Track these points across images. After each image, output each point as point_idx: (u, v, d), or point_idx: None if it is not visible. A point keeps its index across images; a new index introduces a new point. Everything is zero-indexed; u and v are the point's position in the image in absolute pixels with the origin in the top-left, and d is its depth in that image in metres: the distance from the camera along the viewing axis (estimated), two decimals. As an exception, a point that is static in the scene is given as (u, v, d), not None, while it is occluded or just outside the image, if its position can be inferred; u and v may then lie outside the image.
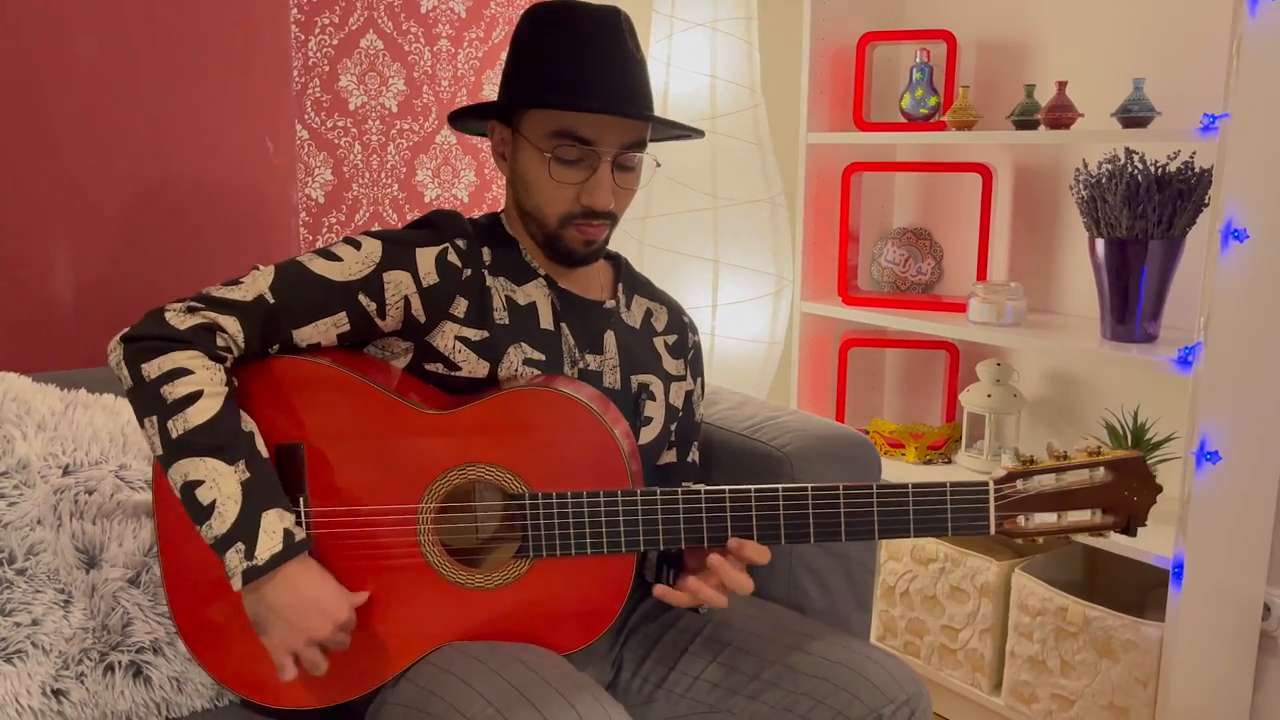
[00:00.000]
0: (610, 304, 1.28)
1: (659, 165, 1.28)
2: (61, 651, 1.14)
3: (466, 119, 1.25)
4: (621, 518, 1.12)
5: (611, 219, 1.21)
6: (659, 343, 1.33)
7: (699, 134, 1.27)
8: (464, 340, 1.17)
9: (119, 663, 1.18)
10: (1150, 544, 1.78)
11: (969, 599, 2.05)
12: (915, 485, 1.10)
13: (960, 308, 2.18)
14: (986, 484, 1.09)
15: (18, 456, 1.18)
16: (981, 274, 2.18)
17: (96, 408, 1.28)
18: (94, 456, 1.24)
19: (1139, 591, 2.01)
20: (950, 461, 2.26)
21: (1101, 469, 1.09)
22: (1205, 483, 1.70)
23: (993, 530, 1.10)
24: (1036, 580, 1.92)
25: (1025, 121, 1.97)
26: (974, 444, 2.21)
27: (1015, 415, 2.16)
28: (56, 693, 1.13)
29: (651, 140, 1.24)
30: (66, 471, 1.21)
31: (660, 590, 1.15)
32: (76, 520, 1.19)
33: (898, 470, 2.20)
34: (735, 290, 2.09)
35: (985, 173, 2.16)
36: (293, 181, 1.77)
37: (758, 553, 1.12)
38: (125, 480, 1.25)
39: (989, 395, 2.13)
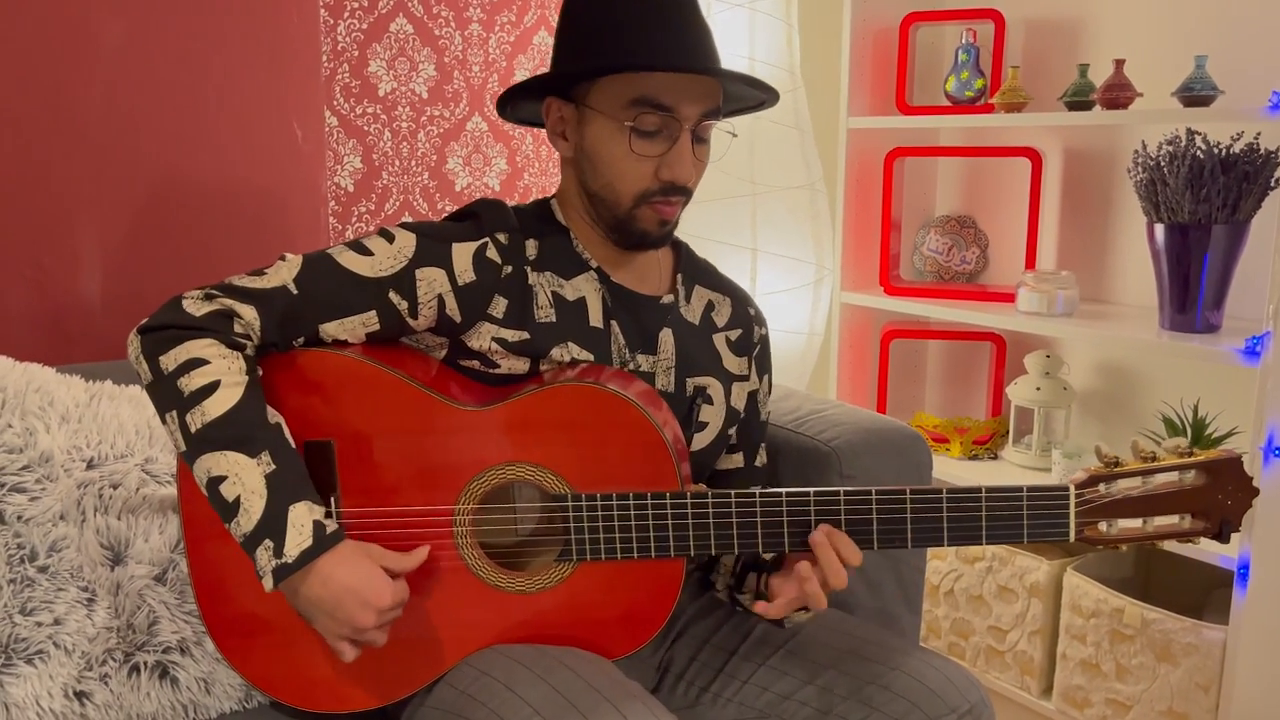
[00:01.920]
0: (668, 299, 1.20)
1: (735, 135, 1.20)
2: (84, 652, 1.09)
3: (518, 99, 1.17)
4: (670, 521, 1.06)
5: (687, 195, 1.13)
6: (720, 340, 1.24)
7: (775, 97, 1.18)
8: (502, 341, 1.10)
9: (144, 663, 1.13)
10: (1213, 543, 1.70)
11: (1018, 599, 1.98)
12: (989, 489, 1.03)
13: (1006, 298, 2.10)
14: (1067, 488, 1.02)
15: (40, 449, 1.13)
16: (1030, 263, 2.11)
17: (122, 399, 1.24)
18: (119, 450, 1.20)
19: (1197, 592, 1.93)
20: (996, 457, 2.18)
21: (1193, 471, 1.01)
22: (1274, 479, 1.62)
23: (1073, 537, 1.03)
24: (1090, 580, 1.85)
25: (1078, 102, 1.89)
26: (1021, 439, 2.14)
27: (1065, 409, 2.08)
28: (79, 695, 1.08)
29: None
30: (91, 465, 1.17)
31: (762, 608, 1.08)
32: (101, 515, 1.15)
33: (943, 466, 2.13)
34: (774, 280, 2.02)
35: (1034, 157, 2.08)
36: (321, 169, 1.73)
37: (848, 547, 1.04)
38: (151, 474, 1.21)
39: (1038, 388, 2.05)
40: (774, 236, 1.99)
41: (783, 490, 1.06)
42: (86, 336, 1.54)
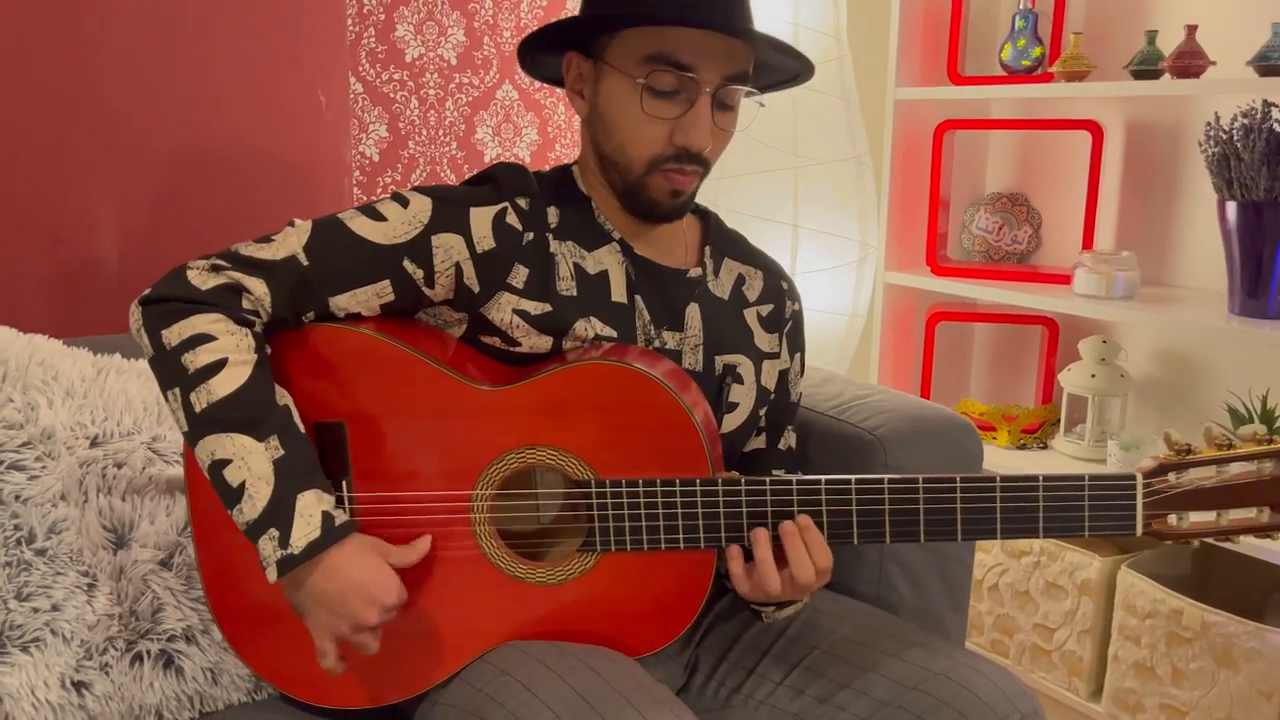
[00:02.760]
0: (695, 272, 1.13)
1: (763, 105, 1.12)
2: (84, 640, 1.04)
3: (539, 51, 1.10)
4: (700, 510, 0.99)
5: (704, 166, 1.05)
6: (750, 315, 1.17)
7: (809, 69, 1.10)
8: (523, 314, 1.03)
9: (148, 652, 1.08)
10: (1278, 542, 1.60)
11: (1067, 596, 1.88)
12: (1047, 477, 0.95)
13: (1060, 279, 2.00)
14: (1133, 477, 0.94)
15: (41, 425, 1.08)
16: (1088, 242, 2.00)
17: (131, 374, 1.19)
18: (126, 427, 1.14)
19: (1258, 593, 1.82)
20: (1046, 446, 2.08)
21: (1273, 460, 0.92)
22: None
23: (1139, 531, 0.94)
24: (1145, 579, 1.75)
25: (1145, 71, 1.78)
26: (1073, 428, 2.04)
27: (1121, 398, 1.98)
28: (78, 685, 1.03)
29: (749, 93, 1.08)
30: (95, 443, 1.11)
31: (734, 568, 1.01)
32: (104, 496, 1.10)
33: (990, 455, 2.03)
34: (815, 258, 1.93)
35: (1095, 130, 1.97)
36: (346, 138, 1.68)
37: (818, 545, 0.98)
38: (158, 453, 1.15)
39: (1093, 375, 1.95)
40: (816, 212, 1.90)
41: (821, 478, 0.99)
42: (101, 307, 1.49)
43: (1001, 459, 2.01)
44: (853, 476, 0.98)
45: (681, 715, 0.91)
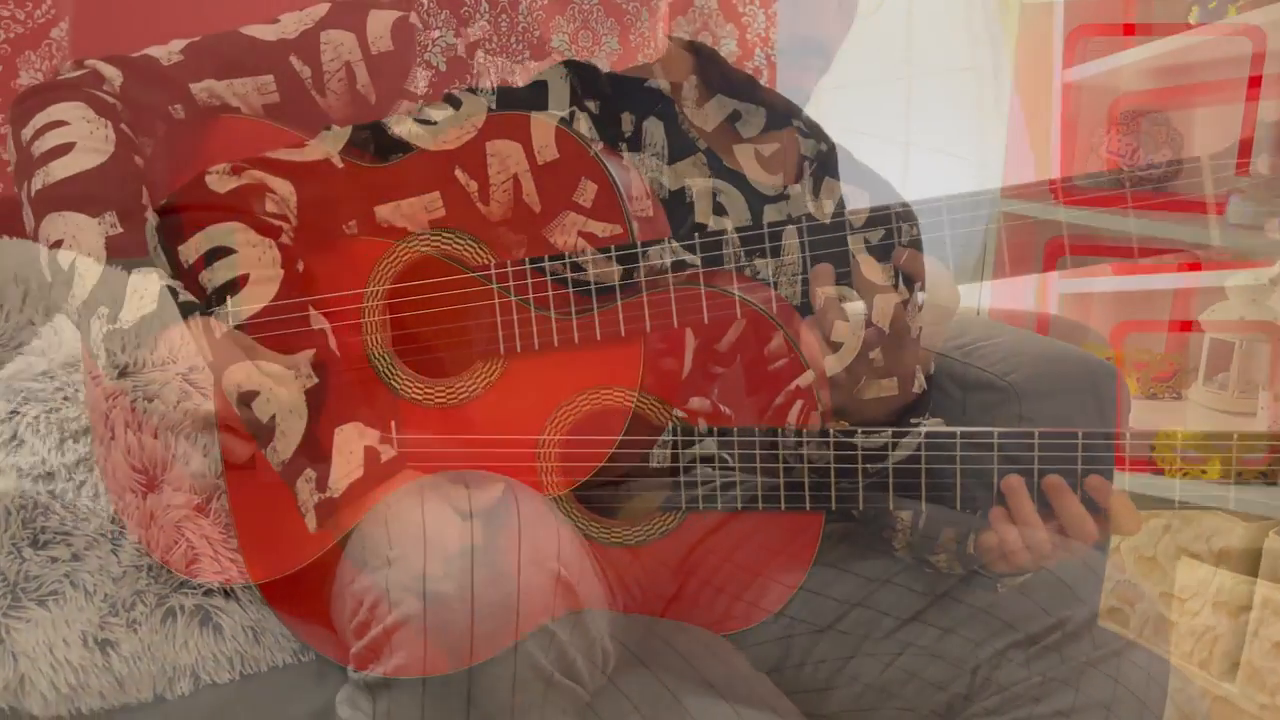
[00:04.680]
0: (794, 189, 1.00)
1: None
2: (108, 594, 0.96)
3: None
4: (807, 465, 0.86)
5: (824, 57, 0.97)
6: (856, 242, 1.02)
7: None
8: (590, 238, 0.92)
9: (181, 608, 0.99)
10: None
11: (1200, 564, 1.71)
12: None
13: (1203, 207, 1.77)
14: None
15: (65, 352, 0.99)
16: (1242, 167, 1.76)
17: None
18: (160, 355, 1.04)
19: None
20: (1180, 397, 1.89)
21: None
22: None
23: None
24: (1298, 549, 1.56)
25: (1328, -38, 1.53)
26: (1214, 377, 1.83)
27: (1272, 344, 1.76)
28: (102, 644, 0.94)
29: None
30: (124, 372, 1.01)
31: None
32: (133, 432, 1.00)
33: (1115, 404, 1.84)
34: (928, 180, 1.74)
35: (1257, 35, 1.72)
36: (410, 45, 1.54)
37: (1127, 511, 0.84)
38: (196, 385, 1.04)
39: (1241, 318, 1.74)
40: (932, 128, 1.72)
41: (957, 429, 0.85)
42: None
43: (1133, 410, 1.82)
44: (995, 429, 0.85)
45: (785, 713, 0.78)
